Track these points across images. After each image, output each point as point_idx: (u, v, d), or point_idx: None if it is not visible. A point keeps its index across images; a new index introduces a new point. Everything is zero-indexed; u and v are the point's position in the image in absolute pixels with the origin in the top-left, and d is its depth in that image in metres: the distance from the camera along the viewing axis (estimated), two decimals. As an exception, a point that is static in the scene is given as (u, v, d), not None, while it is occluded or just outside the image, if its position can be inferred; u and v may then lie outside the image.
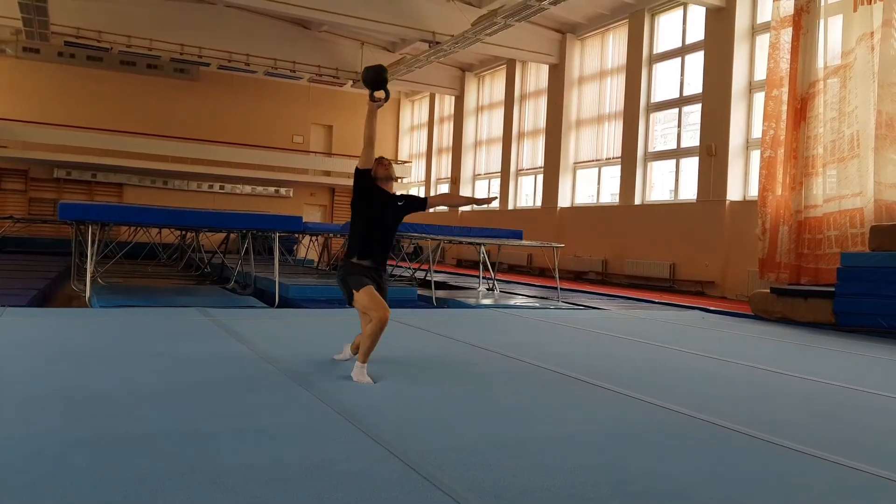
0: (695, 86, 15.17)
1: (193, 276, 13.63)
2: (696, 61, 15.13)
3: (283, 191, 26.26)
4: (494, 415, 3.86)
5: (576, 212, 18.56)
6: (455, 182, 23.95)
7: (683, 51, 15.70)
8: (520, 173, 21.27)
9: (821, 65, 11.20)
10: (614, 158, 17.38)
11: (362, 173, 4.65)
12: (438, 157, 26.11)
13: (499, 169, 21.64)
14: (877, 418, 4.29)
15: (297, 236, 17.69)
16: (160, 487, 2.49)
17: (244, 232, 11.68)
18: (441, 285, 13.11)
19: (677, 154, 15.75)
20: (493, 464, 2.95)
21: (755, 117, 13.75)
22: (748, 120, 13.98)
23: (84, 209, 9.72)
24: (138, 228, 15.73)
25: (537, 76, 20.68)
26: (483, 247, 12.83)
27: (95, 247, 9.18)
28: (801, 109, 11.36)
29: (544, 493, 2.65)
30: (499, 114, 22.35)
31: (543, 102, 19.94)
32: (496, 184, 22.16)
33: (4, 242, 18.69)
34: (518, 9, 14.18)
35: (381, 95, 4.54)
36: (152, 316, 7.25)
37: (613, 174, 17.54)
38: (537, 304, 10.68)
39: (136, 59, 22.83)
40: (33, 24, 16.87)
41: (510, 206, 21.23)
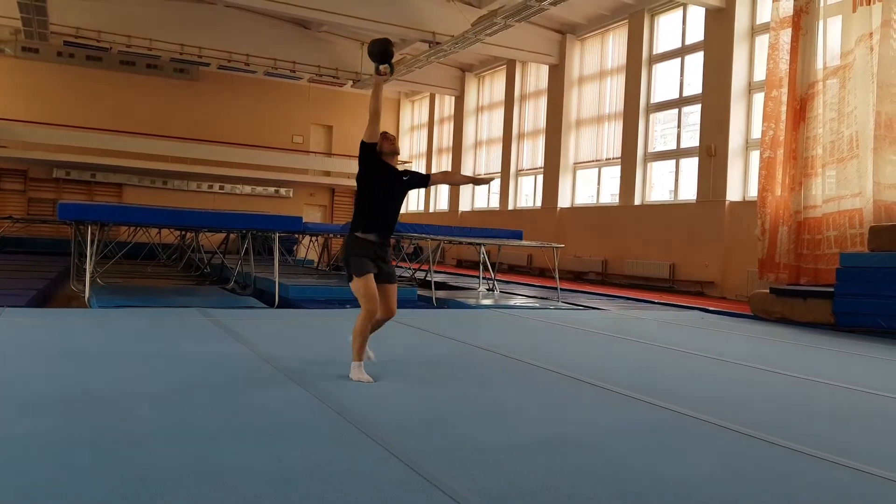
0: (694, 86, 15.17)
1: (193, 277, 13.63)
2: (696, 62, 15.14)
3: (282, 191, 26.26)
4: (494, 415, 3.86)
5: (576, 212, 18.56)
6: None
7: (683, 51, 15.71)
8: (520, 174, 21.28)
9: (820, 65, 11.21)
10: (614, 159, 17.38)
11: (369, 147, 4.66)
12: (438, 157, 26.11)
13: (499, 169, 21.64)
14: (876, 418, 4.29)
15: (296, 236, 17.69)
16: (160, 487, 2.49)
17: (244, 232, 11.68)
18: (441, 286, 13.11)
19: (677, 154, 15.75)
20: (493, 464, 2.95)
21: (755, 118, 13.75)
22: (747, 120, 13.99)
23: (83, 209, 9.72)
24: (138, 228, 15.72)
25: (537, 76, 20.68)
26: (483, 247, 12.83)
27: (95, 247, 9.17)
28: (800, 110, 11.37)
29: (544, 493, 2.65)
30: (499, 114, 22.35)
31: (543, 103, 19.94)
32: (496, 184, 22.16)
33: (4, 242, 18.69)
34: (518, 9, 14.18)
35: (386, 70, 4.55)
36: (152, 316, 7.25)
37: (613, 174, 17.54)
38: (537, 305, 10.68)
39: (135, 59, 22.82)
40: (33, 24, 16.86)
41: (510, 207, 21.24)
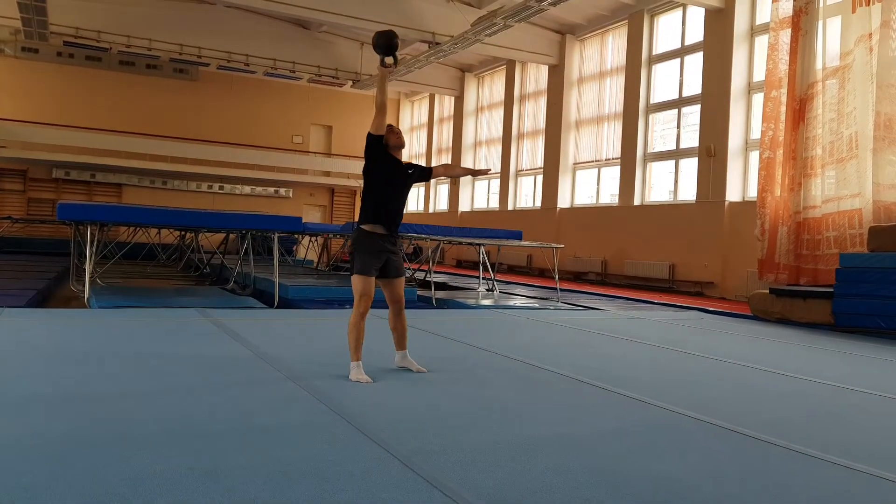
0: (694, 87, 15.17)
1: (193, 277, 13.62)
2: (696, 62, 15.15)
3: (282, 191, 26.26)
4: (494, 415, 3.85)
5: (575, 212, 18.56)
6: (455, 182, 23.96)
7: (683, 52, 15.71)
8: (519, 174, 21.28)
9: (819, 66, 11.22)
10: (614, 159, 17.39)
11: (375, 140, 4.68)
12: (438, 157, 26.11)
13: (498, 169, 21.65)
14: (875, 419, 4.30)
15: (296, 237, 17.68)
16: (160, 487, 2.49)
17: (243, 232, 11.67)
18: (441, 286, 13.11)
19: (676, 155, 15.76)
20: (493, 464, 2.95)
21: (754, 118, 13.75)
22: (747, 121, 13.99)
23: (83, 209, 9.70)
24: (137, 229, 15.72)
25: (537, 77, 20.68)
26: (483, 247, 12.83)
27: (94, 247, 9.16)
28: (799, 110, 11.38)
29: (544, 493, 2.65)
30: (498, 114, 22.35)
31: (543, 103, 19.95)
32: (496, 184, 22.17)
33: (3, 243, 18.70)
34: (518, 9, 14.18)
35: (391, 62, 4.55)
36: (151, 317, 7.24)
37: (613, 175, 17.54)
38: (537, 305, 10.68)
39: (135, 59, 22.84)
40: (32, 24, 16.85)
41: (510, 207, 21.24)
